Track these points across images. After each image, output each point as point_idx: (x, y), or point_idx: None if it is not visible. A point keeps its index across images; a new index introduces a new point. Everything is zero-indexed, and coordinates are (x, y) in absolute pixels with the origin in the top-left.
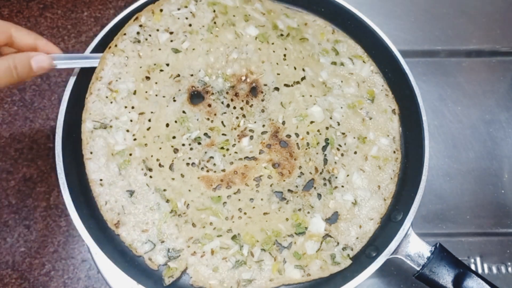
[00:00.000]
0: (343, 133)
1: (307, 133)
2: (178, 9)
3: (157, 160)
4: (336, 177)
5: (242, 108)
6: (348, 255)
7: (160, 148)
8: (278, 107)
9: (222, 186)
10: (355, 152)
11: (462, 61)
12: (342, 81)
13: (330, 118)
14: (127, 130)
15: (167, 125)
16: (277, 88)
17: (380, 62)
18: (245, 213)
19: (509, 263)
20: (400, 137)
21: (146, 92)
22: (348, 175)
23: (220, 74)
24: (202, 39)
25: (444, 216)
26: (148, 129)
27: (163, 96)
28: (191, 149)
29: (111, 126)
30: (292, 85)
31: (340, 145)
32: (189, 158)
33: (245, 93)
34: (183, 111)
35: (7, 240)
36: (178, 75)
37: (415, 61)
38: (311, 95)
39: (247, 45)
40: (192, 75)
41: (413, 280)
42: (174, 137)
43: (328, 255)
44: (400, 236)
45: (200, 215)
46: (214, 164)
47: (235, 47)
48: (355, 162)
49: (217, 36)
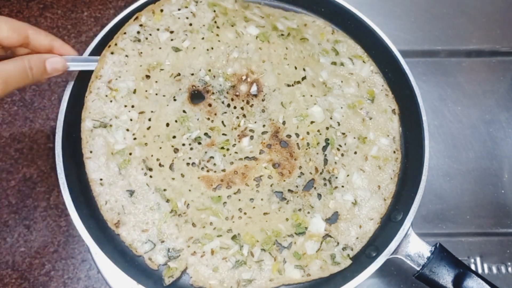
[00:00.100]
0: (343, 133)
1: (308, 133)
2: (179, 9)
3: (157, 160)
4: (336, 177)
5: (243, 108)
6: (348, 255)
7: (160, 148)
8: (279, 107)
9: (222, 186)
10: (355, 152)
11: (462, 61)
12: (342, 81)
13: (331, 118)
14: (127, 129)
15: (167, 125)
16: (278, 88)
17: (380, 62)
18: (245, 213)
19: (509, 263)
20: (400, 137)
21: (146, 91)
22: (348, 175)
23: (221, 74)
24: (203, 38)
25: (444, 216)
26: (148, 129)
27: (163, 95)
28: (191, 149)
29: (111, 125)
30: (293, 85)
31: (340, 145)
32: (189, 158)
33: (246, 93)
34: (184, 111)
35: (7, 240)
36: (179, 74)
37: (415, 61)
38: (312, 95)
39: (248, 44)
40: (193, 74)
41: (413, 280)
42: (174, 137)
43: (328, 255)
44: (400, 236)
45: (200, 215)
46: (214, 164)
47: (236, 46)
48: (355, 162)
49: (218, 35)
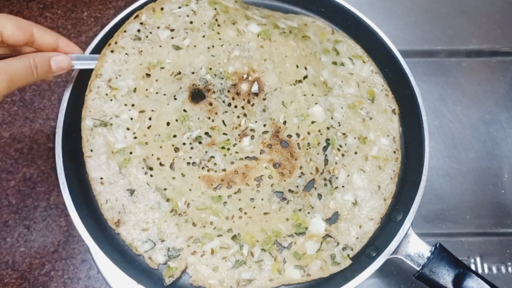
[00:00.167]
0: (344, 134)
1: (308, 133)
2: (179, 7)
3: (158, 159)
4: (337, 178)
5: (243, 107)
6: (348, 255)
7: (161, 147)
8: (280, 107)
9: (223, 186)
10: (356, 153)
11: (462, 61)
12: (342, 81)
13: (331, 118)
14: (128, 128)
15: (168, 124)
16: (279, 87)
17: (380, 62)
18: (246, 213)
19: (509, 263)
20: (400, 137)
21: (147, 90)
22: (349, 176)
23: (222, 72)
24: (204, 36)
25: (444, 216)
26: (149, 128)
27: (164, 94)
28: (192, 148)
29: (111, 124)
30: (294, 84)
31: (341, 146)
32: (190, 158)
33: (247, 92)
34: (184, 110)
35: (7, 240)
36: (179, 73)
37: (415, 61)
38: (313, 94)
39: (249, 43)
40: (193, 73)
41: (413, 280)
42: (175, 136)
43: (328, 255)
44: (400, 236)
45: (201, 215)
46: (215, 164)
47: (237, 44)
48: (356, 163)
49: (219, 33)
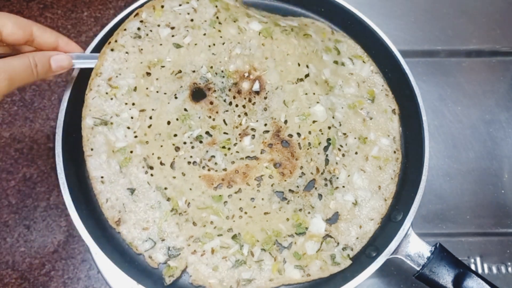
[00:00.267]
0: (344, 134)
1: (309, 133)
2: (180, 5)
3: (158, 158)
4: (337, 178)
5: (244, 106)
6: (348, 255)
7: (161, 146)
8: (281, 106)
9: (223, 185)
10: (356, 153)
11: (462, 61)
12: (343, 81)
13: (333, 118)
14: (128, 127)
15: (168, 123)
16: (281, 86)
17: (380, 62)
18: (246, 213)
19: (509, 263)
20: (400, 137)
21: (147, 89)
22: (349, 176)
23: (223, 71)
24: (205, 34)
25: (444, 216)
26: (149, 127)
27: (164, 93)
28: (193, 148)
29: (112, 123)
30: (296, 83)
31: (342, 146)
32: (191, 157)
33: (248, 90)
34: (185, 109)
35: (7, 240)
36: (180, 71)
37: (415, 61)
38: (314, 93)
39: (251, 41)
40: (194, 71)
41: (413, 280)
42: (176, 135)
43: (328, 255)
44: (400, 236)
45: (201, 214)
46: (216, 163)
47: (238, 42)
48: (356, 163)
49: (220, 31)
